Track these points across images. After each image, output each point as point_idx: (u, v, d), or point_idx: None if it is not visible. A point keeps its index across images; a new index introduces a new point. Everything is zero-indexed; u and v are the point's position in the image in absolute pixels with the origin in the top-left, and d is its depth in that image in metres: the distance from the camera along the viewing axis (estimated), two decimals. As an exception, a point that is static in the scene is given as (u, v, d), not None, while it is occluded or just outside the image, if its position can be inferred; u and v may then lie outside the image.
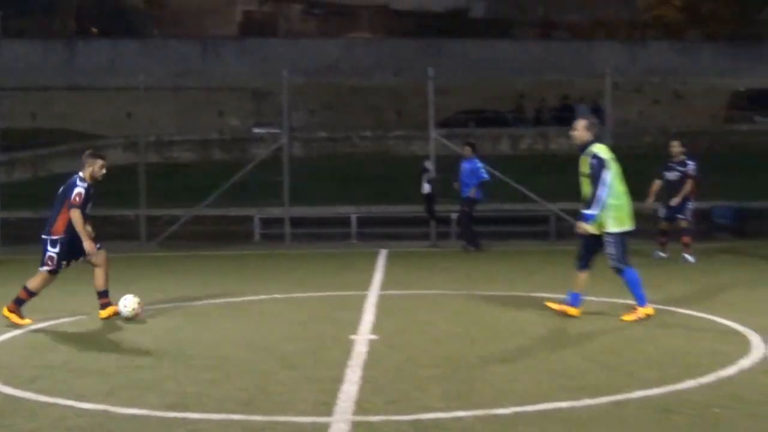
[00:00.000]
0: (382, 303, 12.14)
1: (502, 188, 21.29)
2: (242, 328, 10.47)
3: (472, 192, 19.31)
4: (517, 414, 6.59)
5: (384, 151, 29.44)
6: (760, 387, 7.28)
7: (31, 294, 10.69)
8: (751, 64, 40.07)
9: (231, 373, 8.00)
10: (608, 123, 23.36)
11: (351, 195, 23.77)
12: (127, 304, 10.79)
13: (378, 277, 15.28)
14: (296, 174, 22.45)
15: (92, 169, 10.79)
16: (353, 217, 23.09)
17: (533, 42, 46.49)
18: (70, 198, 10.50)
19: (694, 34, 50.85)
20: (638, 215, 10.97)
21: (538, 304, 11.57)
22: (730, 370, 7.81)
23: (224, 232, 23.30)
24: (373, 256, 18.53)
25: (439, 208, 21.58)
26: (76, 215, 10.43)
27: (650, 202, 16.96)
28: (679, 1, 52.93)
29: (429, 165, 21.60)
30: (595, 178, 10.01)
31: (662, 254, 17.17)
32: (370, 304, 11.98)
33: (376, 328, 10.19)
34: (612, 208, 10.20)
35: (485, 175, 19.41)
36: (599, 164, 10.06)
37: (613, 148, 22.45)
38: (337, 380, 7.61)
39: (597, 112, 32.51)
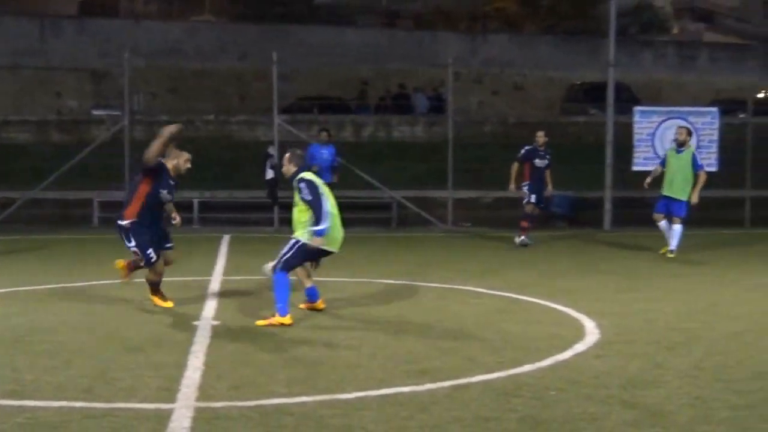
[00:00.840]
0: (225, 288, 12.07)
1: (345, 175, 21.38)
2: (82, 313, 10.23)
3: (335, 178, 19.42)
4: (359, 398, 6.67)
5: (227, 136, 29.12)
6: (592, 370, 7.55)
7: (154, 283, 10.53)
8: (587, 58, 41.25)
9: (71, 360, 7.82)
10: (449, 112, 23.76)
11: (193, 179, 23.42)
12: None
13: (221, 262, 15.17)
14: (137, 157, 21.98)
15: (177, 161, 10.30)
16: (195, 202, 22.79)
17: (377, 30, 46.72)
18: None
19: (532, 27, 52.04)
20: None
21: (381, 290, 11.70)
22: (565, 354, 8.08)
23: (63, 215, 22.68)
24: (216, 242, 18.37)
25: (283, 193, 21.52)
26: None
27: (512, 188, 17.31)
28: (519, -5, 54.14)
29: (272, 151, 21.52)
30: (311, 196, 9.74)
31: (527, 240, 17.50)
32: (213, 290, 11.90)
33: (219, 313, 10.13)
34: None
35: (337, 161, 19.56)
36: (308, 185, 9.81)
37: (455, 137, 22.96)
38: (180, 366, 7.54)
39: (438, 100, 33.05)
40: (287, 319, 9.45)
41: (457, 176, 22.40)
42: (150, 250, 10.11)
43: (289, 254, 9.88)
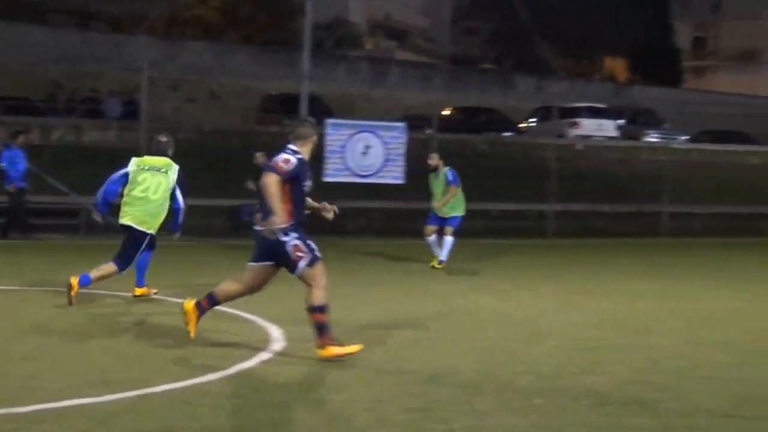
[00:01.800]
0: None
1: (33, 180, 20.54)
2: None
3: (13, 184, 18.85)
4: (38, 411, 6.42)
5: None
6: (276, 377, 7.66)
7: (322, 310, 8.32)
8: (283, 69, 41.79)
9: None
10: (143, 117, 23.35)
11: None
12: None
13: None
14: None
15: (312, 145, 8.69)
16: None
17: (69, 31, 45.24)
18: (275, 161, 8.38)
19: (231, 36, 52.13)
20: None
21: (61, 300, 11.32)
22: (251, 362, 8.14)
23: None
24: None
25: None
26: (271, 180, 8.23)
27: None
28: (218, 3, 54.03)
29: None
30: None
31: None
32: None
33: None
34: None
35: (23, 165, 18.94)
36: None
37: (148, 144, 22.48)
38: None
39: (132, 105, 32.36)
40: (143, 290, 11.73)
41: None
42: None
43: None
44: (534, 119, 38.86)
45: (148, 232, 11.55)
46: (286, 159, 8.25)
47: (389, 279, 14.81)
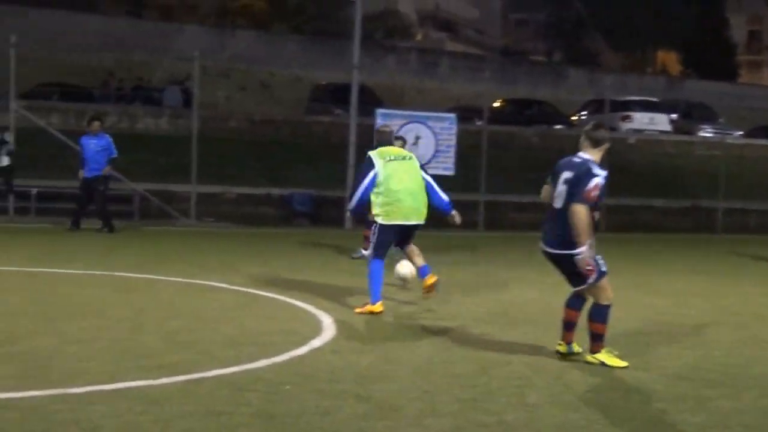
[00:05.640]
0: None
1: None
2: None
3: (106, 170, 18.71)
4: (90, 392, 6.50)
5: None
6: (327, 365, 7.68)
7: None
8: (333, 59, 41.86)
9: None
10: (195, 106, 23.51)
11: None
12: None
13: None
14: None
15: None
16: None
17: (122, 19, 45.65)
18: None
19: (280, 26, 52.29)
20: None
21: (119, 283, 11.45)
22: (302, 350, 8.17)
23: None
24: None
25: (20, 182, 20.69)
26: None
27: None
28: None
29: (8, 137, 20.59)
30: (358, 174, 10.63)
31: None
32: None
33: (-57, 306, 9.62)
34: (382, 204, 10.40)
35: (115, 152, 18.82)
36: (365, 163, 10.51)
37: (200, 131, 22.69)
38: None
39: (185, 94, 32.62)
40: (377, 307, 10.16)
41: (201, 171, 22.21)
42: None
43: (374, 239, 10.45)
44: (585, 112, 38.59)
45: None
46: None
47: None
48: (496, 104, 37.98)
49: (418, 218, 10.59)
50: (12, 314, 9.34)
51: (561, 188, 7.92)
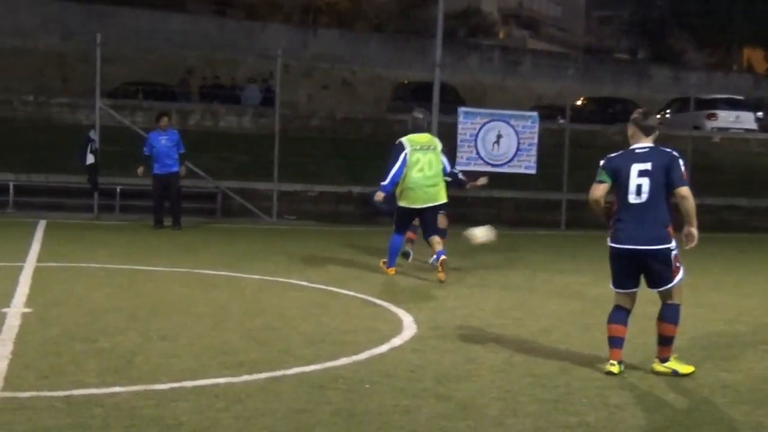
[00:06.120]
0: (39, 275, 11.69)
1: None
2: None
3: (183, 170, 18.88)
4: (173, 389, 6.57)
5: (46, 118, 28.16)
6: (407, 364, 7.66)
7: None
8: (415, 58, 41.87)
9: None
10: (277, 104, 23.68)
11: (9, 162, 22.62)
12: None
13: (35, 248, 14.69)
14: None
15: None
16: (11, 185, 21.98)
17: (206, 18, 46.15)
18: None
19: (362, 25, 52.45)
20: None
21: (201, 281, 11.56)
22: (382, 348, 8.17)
23: None
24: (31, 227, 17.79)
25: (104, 179, 21.04)
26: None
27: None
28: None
29: (93, 135, 20.94)
30: (391, 158, 12.37)
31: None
32: (26, 276, 11.51)
33: (31, 300, 9.81)
34: (401, 189, 12.53)
35: (183, 148, 18.95)
36: (395, 148, 12.39)
37: (282, 130, 22.85)
38: (-13, 354, 7.27)
39: (268, 92, 32.89)
40: (391, 271, 12.90)
41: (283, 169, 22.37)
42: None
43: (395, 218, 12.84)
44: (668, 110, 38.02)
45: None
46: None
47: (521, 271, 14.70)
48: (579, 102, 37.63)
49: (433, 201, 12.56)
50: (96, 311, 9.49)
51: (639, 181, 7.48)
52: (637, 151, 7.65)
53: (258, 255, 15.19)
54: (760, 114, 38.18)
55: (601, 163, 7.77)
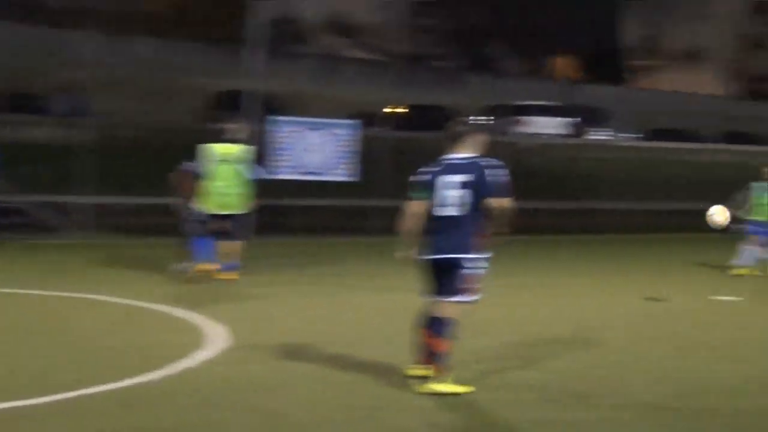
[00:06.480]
0: None
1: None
2: None
3: None
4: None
5: None
6: (216, 376, 7.55)
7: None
8: (233, 66, 41.54)
9: None
10: (89, 114, 23.02)
11: None
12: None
13: None
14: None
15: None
16: None
17: (11, 24, 44.37)
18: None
19: (180, 33, 51.68)
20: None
21: (4, 300, 11.11)
22: (192, 362, 8.01)
23: None
24: None
25: None
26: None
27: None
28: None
29: None
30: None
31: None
32: None
33: None
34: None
35: None
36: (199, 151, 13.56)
37: (97, 141, 22.11)
38: None
39: (78, 102, 31.91)
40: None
41: (98, 181, 21.64)
42: None
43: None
44: (491, 117, 38.96)
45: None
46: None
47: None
48: (399, 110, 38.26)
49: (229, 209, 13.27)
50: None
51: (459, 193, 7.22)
52: (456, 162, 7.39)
53: (65, 271, 14.66)
54: (575, 119, 39.64)
55: (414, 178, 7.49)
